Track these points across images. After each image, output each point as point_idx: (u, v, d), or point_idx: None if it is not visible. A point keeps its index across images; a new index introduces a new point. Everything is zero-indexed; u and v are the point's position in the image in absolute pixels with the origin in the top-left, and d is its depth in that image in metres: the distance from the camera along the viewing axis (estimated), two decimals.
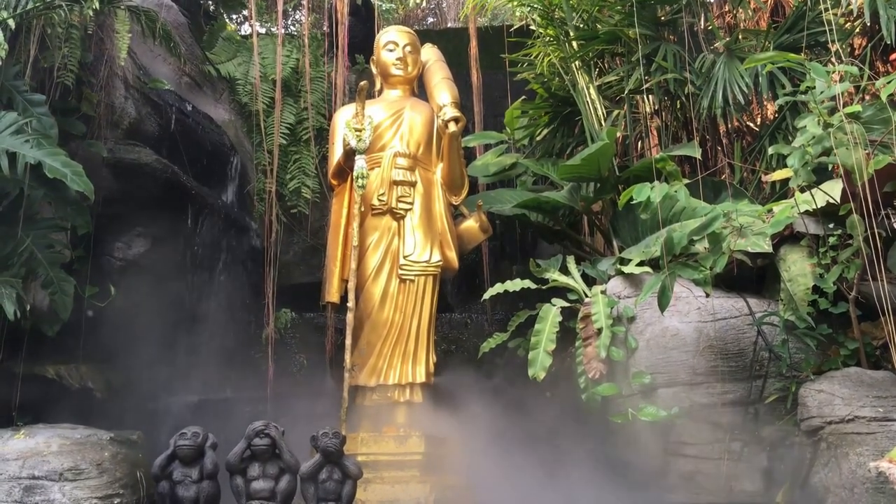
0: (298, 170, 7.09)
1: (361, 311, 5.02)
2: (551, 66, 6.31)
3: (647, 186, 4.08)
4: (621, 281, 4.80)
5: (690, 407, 4.25)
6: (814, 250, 4.18)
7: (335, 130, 5.37)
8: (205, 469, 3.86)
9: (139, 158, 5.41)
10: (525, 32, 6.71)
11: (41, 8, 4.69)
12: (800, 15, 5.18)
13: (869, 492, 3.31)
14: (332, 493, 3.90)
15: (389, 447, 4.65)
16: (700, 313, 4.39)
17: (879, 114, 4.27)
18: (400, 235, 5.10)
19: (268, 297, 6.05)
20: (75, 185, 4.30)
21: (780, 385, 4.11)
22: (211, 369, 5.41)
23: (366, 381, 4.96)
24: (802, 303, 4.10)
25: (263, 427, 3.92)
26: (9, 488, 3.42)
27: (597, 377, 4.52)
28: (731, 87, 5.12)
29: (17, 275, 4.41)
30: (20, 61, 4.80)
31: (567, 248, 5.96)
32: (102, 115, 5.38)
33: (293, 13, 10.08)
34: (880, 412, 3.51)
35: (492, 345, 5.44)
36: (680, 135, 5.89)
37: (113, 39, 5.38)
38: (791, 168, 3.83)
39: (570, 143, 6.31)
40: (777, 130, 5.26)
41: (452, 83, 5.38)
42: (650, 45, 5.53)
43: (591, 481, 4.52)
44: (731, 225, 4.11)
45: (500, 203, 5.96)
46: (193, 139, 6.19)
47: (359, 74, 7.48)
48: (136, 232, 5.54)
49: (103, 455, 3.63)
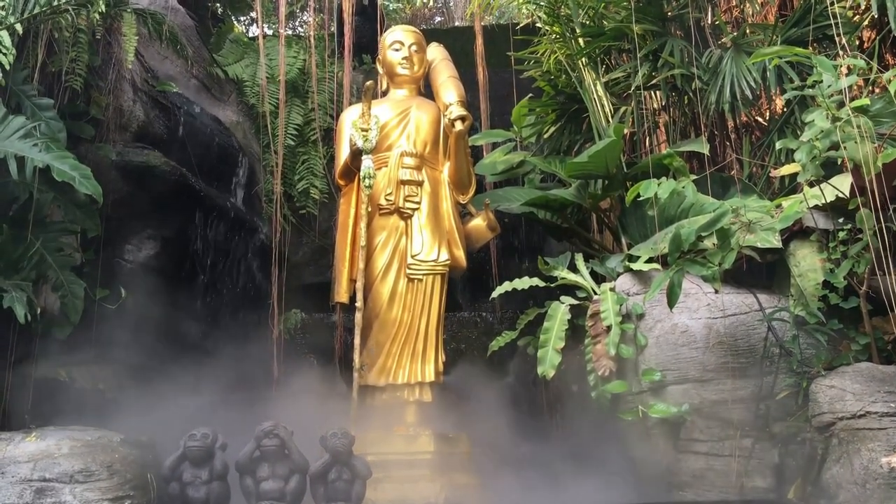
0: (307, 170, 7.10)
1: (370, 310, 5.02)
2: (558, 63, 6.29)
3: (654, 183, 4.06)
4: (630, 278, 4.78)
5: (701, 403, 4.23)
6: (823, 245, 4.15)
7: (342, 131, 5.37)
8: (214, 470, 3.87)
9: (148, 161, 5.45)
10: (531, 30, 6.70)
11: (48, 12, 4.72)
12: (807, 8, 5.14)
13: (881, 487, 3.29)
14: (342, 493, 3.91)
15: (399, 446, 4.66)
16: (710, 309, 4.36)
17: (888, 107, 4.24)
18: (408, 235, 5.10)
19: (275, 298, 6.06)
20: (84, 189, 4.33)
21: (791, 381, 4.08)
22: (221, 370, 5.43)
23: (375, 380, 4.96)
24: (813, 298, 4.07)
25: (272, 428, 3.92)
26: (20, 490, 3.43)
27: (606, 374, 4.50)
28: (738, 81, 5.09)
29: (27, 278, 4.45)
30: (28, 66, 4.84)
31: (575, 245, 5.95)
32: (111, 118, 5.42)
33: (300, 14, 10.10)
34: (892, 407, 3.47)
35: (501, 343, 5.45)
36: (688, 130, 5.86)
37: (120, 43, 5.42)
38: (799, 163, 3.80)
39: (578, 141, 6.29)
40: (786, 125, 5.23)
41: (459, 82, 5.37)
42: (657, 41, 5.50)
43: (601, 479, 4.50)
44: (739, 220, 4.08)
45: (507, 201, 5.96)
46: (202, 141, 6.22)
47: (366, 74, 7.48)
48: (146, 234, 5.58)
49: (114, 457, 3.63)
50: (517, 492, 4.63)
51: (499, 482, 4.71)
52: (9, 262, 4.46)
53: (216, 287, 6.14)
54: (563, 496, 4.57)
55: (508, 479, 4.72)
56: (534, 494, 4.61)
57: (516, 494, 4.63)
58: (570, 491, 4.55)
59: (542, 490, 4.63)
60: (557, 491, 4.62)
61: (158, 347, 5.32)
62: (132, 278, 5.40)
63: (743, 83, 5.07)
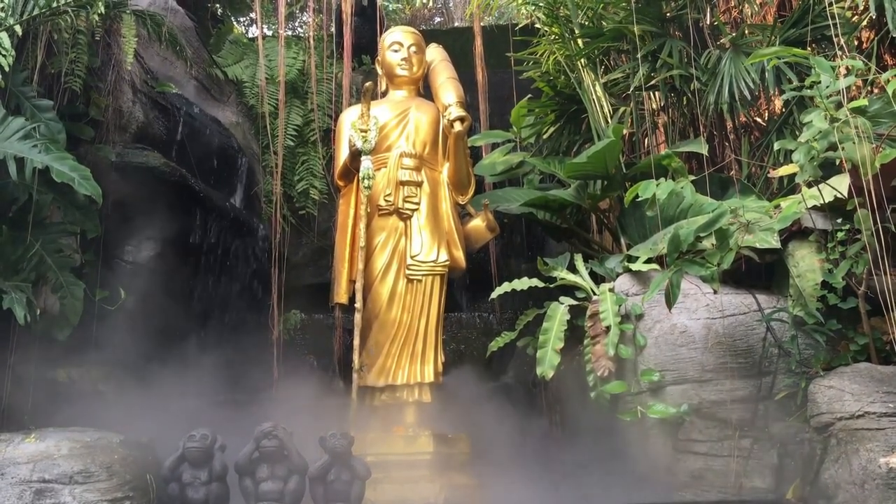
0: (306, 171, 7.11)
1: (369, 311, 5.02)
2: (557, 64, 6.30)
3: (653, 183, 4.07)
4: (629, 278, 4.78)
5: (699, 404, 4.24)
6: (822, 245, 4.15)
7: (341, 131, 5.38)
8: (214, 471, 3.87)
9: (147, 162, 5.45)
10: (530, 31, 6.70)
11: (47, 14, 4.72)
12: (806, 9, 5.15)
13: (879, 488, 3.29)
14: (341, 494, 3.91)
15: (399, 447, 4.66)
16: (708, 310, 4.37)
17: (886, 107, 4.24)
18: (407, 235, 5.11)
19: (275, 299, 6.06)
20: (83, 189, 4.33)
21: (790, 381, 4.08)
22: (220, 371, 5.43)
23: (374, 381, 4.96)
24: (811, 298, 4.07)
25: (271, 428, 3.92)
26: (20, 492, 3.43)
27: (605, 375, 4.50)
28: (737, 82, 5.10)
29: (27, 279, 4.45)
30: (28, 67, 4.85)
31: (575, 246, 5.95)
32: (110, 120, 5.43)
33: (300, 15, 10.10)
34: (890, 408, 3.47)
35: (500, 344, 5.44)
36: (687, 131, 5.86)
37: (120, 44, 5.43)
38: (797, 163, 3.81)
39: (577, 141, 6.30)
40: (784, 125, 5.23)
41: (458, 83, 5.37)
42: (655, 42, 5.51)
43: (601, 479, 4.51)
44: (738, 221, 4.08)
45: (507, 202, 5.97)
46: (201, 142, 6.23)
47: (365, 75, 7.49)
48: (146, 235, 5.58)
49: (113, 458, 3.63)
50: (516, 492, 4.63)
51: (498, 483, 4.71)
52: (8, 263, 4.46)
53: (216, 288, 6.14)
54: (561, 496, 4.58)
55: (508, 479, 4.72)
56: (533, 495, 4.61)
57: (516, 495, 4.63)
58: (569, 491, 4.56)
59: (542, 490, 4.63)
60: (556, 491, 4.63)
61: (158, 348, 5.31)
62: (132, 279, 5.40)
63: (741, 84, 5.07)
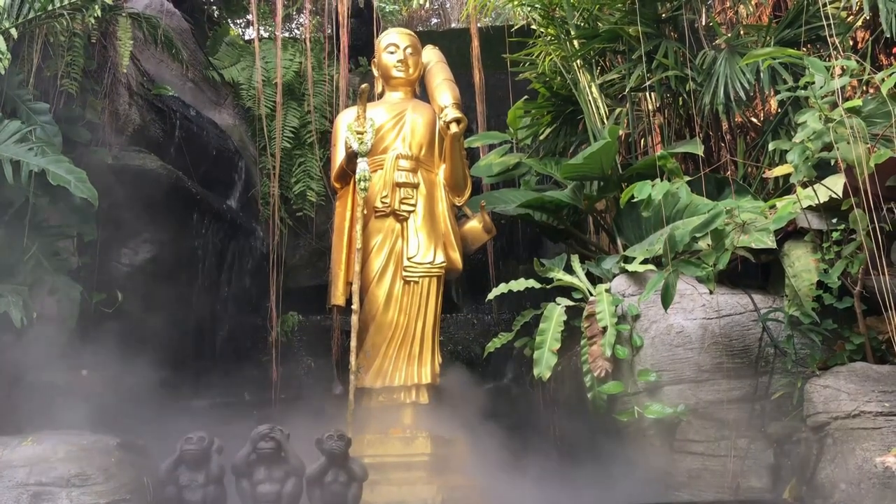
0: (303, 173, 7.11)
1: (366, 313, 5.02)
2: (553, 65, 6.31)
3: (648, 184, 4.06)
4: (625, 279, 4.79)
5: (696, 404, 4.25)
6: (817, 245, 4.15)
7: (337, 134, 5.38)
8: (211, 473, 3.86)
9: (144, 164, 5.44)
10: (527, 32, 6.71)
11: (43, 17, 4.72)
12: (801, 9, 5.16)
13: (875, 487, 3.29)
14: (338, 496, 3.90)
15: (396, 449, 4.66)
16: (705, 310, 4.38)
17: (881, 108, 4.24)
18: (403, 237, 5.11)
19: (272, 301, 6.06)
20: (79, 192, 4.33)
21: (786, 381, 4.09)
22: (217, 373, 5.43)
23: (371, 383, 4.97)
24: (807, 298, 4.08)
25: (269, 430, 3.92)
26: (17, 495, 3.42)
27: (602, 375, 4.51)
28: (732, 83, 5.10)
29: (23, 282, 4.44)
30: (23, 70, 4.83)
31: (571, 246, 5.96)
32: (107, 122, 5.41)
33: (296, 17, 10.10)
34: (886, 407, 3.48)
35: (497, 345, 5.45)
36: (683, 132, 5.87)
37: (116, 47, 5.41)
38: (791, 164, 3.81)
39: (573, 142, 6.31)
40: (780, 126, 5.24)
41: (454, 84, 5.38)
42: (651, 43, 5.51)
43: (598, 480, 4.51)
44: (734, 221, 4.08)
45: (503, 203, 5.97)
46: (198, 144, 6.22)
47: (362, 77, 7.49)
48: (142, 238, 5.56)
49: (110, 461, 3.63)
50: (514, 493, 4.64)
51: (495, 483, 4.71)
52: (5, 266, 4.45)
53: (213, 290, 6.13)
54: (559, 497, 4.58)
55: (505, 480, 4.73)
56: (530, 495, 4.61)
57: (513, 495, 4.64)
58: (567, 491, 4.56)
59: (539, 491, 4.63)
60: (554, 492, 4.63)
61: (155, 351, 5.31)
62: (129, 282, 5.39)
63: (737, 84, 5.08)
